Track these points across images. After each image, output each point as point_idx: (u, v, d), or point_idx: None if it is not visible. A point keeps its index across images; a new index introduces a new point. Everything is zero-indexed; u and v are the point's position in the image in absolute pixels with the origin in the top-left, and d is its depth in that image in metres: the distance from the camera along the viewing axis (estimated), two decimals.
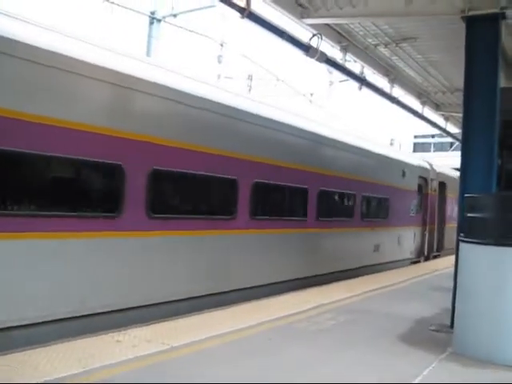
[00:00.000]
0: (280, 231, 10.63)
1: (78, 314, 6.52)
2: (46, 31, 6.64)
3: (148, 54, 16.58)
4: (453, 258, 8.01)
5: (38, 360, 5.13)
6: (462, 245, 6.56)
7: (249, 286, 9.46)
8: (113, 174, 7.15)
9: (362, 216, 14.24)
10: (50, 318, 6.21)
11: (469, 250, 6.37)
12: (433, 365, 5.79)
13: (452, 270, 7.79)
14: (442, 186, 20.42)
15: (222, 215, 9.15)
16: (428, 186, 18.84)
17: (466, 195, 6.97)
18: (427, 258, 19.09)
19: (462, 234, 6.65)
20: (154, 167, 7.51)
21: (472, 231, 6.41)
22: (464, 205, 6.87)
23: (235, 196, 9.21)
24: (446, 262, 16.48)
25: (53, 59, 6.30)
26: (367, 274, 13.26)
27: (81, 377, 4.76)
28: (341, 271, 12.72)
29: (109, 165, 6.96)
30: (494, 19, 7.74)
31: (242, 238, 9.50)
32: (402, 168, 16.70)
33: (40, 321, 6.11)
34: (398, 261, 16.33)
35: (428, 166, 19.17)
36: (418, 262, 18.33)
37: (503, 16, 7.74)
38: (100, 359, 5.28)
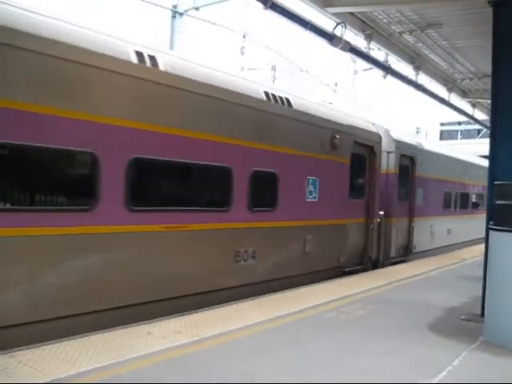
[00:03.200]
0: None
1: None
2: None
3: (171, 47, 16.65)
4: (481, 247, 7.92)
5: (71, 352, 5.21)
6: (491, 233, 6.47)
7: None
8: None
9: None
10: None
11: (499, 237, 6.29)
12: (463, 354, 5.75)
13: (480, 259, 7.69)
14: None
15: None
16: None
17: (495, 182, 6.87)
18: (375, 266, 13.10)
19: (491, 222, 6.56)
20: None
21: (501, 219, 6.32)
22: (493, 192, 6.78)
23: None
24: (474, 252, 16.32)
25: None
26: None
27: (112, 368, 4.85)
28: None
29: None
30: None
31: None
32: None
33: None
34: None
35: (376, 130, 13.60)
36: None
37: None
38: (131, 350, 5.36)
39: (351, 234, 11.89)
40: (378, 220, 13.17)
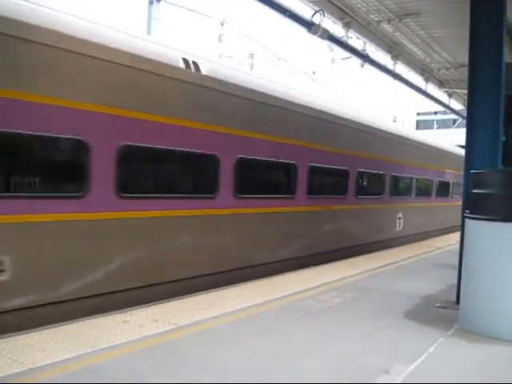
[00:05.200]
0: None
1: None
2: None
3: (148, 34, 16.43)
4: (454, 235, 8.00)
5: (46, 342, 5.16)
6: (467, 221, 6.53)
7: None
8: None
9: None
10: None
11: (474, 226, 6.35)
12: (439, 341, 5.81)
13: (454, 247, 7.76)
14: None
15: None
16: None
17: (471, 171, 6.93)
18: None
19: (467, 211, 6.63)
20: None
21: (477, 208, 6.39)
22: (469, 181, 6.85)
23: None
24: (448, 240, 16.53)
25: None
26: None
27: (88, 357, 4.81)
28: None
29: None
30: None
31: None
32: None
33: None
34: None
35: None
36: None
37: None
38: (108, 339, 5.32)
39: None
40: None
